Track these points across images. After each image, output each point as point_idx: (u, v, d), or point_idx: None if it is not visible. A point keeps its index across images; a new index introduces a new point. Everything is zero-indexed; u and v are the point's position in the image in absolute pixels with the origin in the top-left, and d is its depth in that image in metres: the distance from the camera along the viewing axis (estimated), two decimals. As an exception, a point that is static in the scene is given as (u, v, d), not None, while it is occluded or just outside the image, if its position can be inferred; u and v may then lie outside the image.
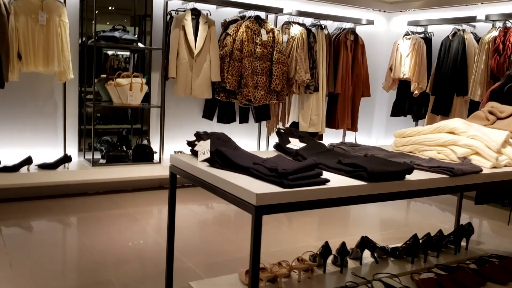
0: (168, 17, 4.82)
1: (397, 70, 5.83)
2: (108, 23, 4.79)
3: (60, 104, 4.55)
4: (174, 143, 5.23)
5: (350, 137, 6.34)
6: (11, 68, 3.91)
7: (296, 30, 5.35)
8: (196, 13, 4.86)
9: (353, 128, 6.01)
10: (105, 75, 4.62)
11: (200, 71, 4.88)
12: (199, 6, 4.91)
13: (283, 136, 2.61)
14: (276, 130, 2.71)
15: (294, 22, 5.45)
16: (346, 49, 5.76)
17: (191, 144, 2.32)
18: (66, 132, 4.61)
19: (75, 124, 4.67)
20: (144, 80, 4.60)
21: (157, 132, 5.10)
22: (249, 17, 5.14)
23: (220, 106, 5.41)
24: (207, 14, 4.95)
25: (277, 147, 2.61)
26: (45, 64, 4.08)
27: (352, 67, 5.85)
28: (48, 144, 4.54)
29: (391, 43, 6.07)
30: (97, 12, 4.38)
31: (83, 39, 4.57)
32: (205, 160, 2.07)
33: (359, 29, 6.00)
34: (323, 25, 5.54)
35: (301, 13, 5.42)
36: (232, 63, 4.97)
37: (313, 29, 5.49)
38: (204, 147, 2.12)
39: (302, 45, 5.32)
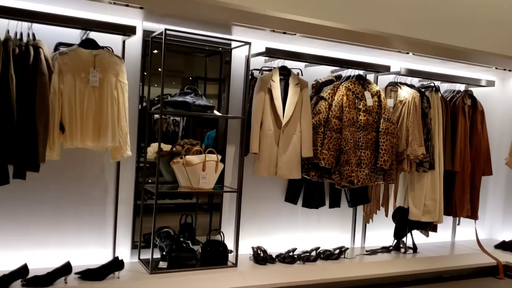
0: (250, 77, 3.80)
1: (529, 142, 4.57)
2: (174, 82, 3.81)
3: (111, 189, 3.50)
4: (251, 235, 4.06)
5: (466, 227, 5.00)
6: (50, 143, 2.91)
7: (405, 93, 4.22)
8: (285, 72, 3.82)
9: (473, 215, 4.69)
10: (168, 149, 3.59)
11: (288, 145, 3.77)
12: (288, 64, 3.89)
13: None
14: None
15: (401, 83, 4.34)
16: (464, 117, 4.57)
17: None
18: (117, 226, 3.52)
19: (129, 213, 3.59)
20: (219, 157, 3.52)
21: (230, 221, 3.96)
22: (349, 77, 4.06)
23: (306, 186, 4.26)
24: (298, 73, 3.90)
25: None
26: (95, 138, 3.07)
27: (471, 139, 4.62)
28: (93, 241, 3.46)
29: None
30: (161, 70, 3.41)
31: (144, 104, 3.58)
32: None
33: (475, 91, 4.81)
34: (437, 87, 4.39)
35: (412, 72, 4.30)
36: (329, 134, 3.85)
37: (427, 92, 4.34)
38: None
39: (415, 111, 4.16)
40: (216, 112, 3.56)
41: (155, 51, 3.52)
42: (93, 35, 3.17)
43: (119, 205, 3.53)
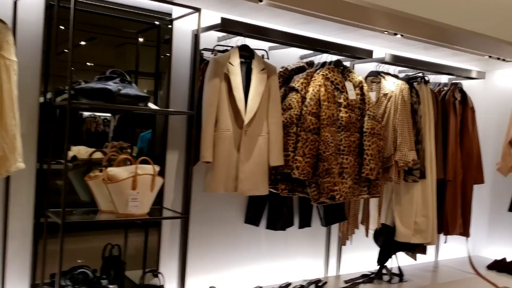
0: (199, 59, 2.83)
1: (523, 144, 3.89)
2: (90, 66, 2.75)
3: (-3, 215, 2.40)
4: (201, 272, 3.07)
5: (450, 242, 4.27)
6: None
7: (391, 85, 3.40)
8: (246, 54, 2.88)
9: (465, 232, 3.96)
10: (86, 156, 2.54)
11: (252, 150, 2.82)
12: (251, 43, 2.94)
13: None
14: None
15: (385, 73, 3.52)
16: (455, 114, 3.82)
17: None
18: (5, 270, 2.42)
19: (26, 251, 2.49)
20: (157, 169, 2.50)
21: (173, 254, 2.94)
22: (325, 64, 3.18)
23: (272, 203, 3.34)
24: (263, 56, 2.96)
25: None
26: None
27: (461, 141, 3.89)
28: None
29: (507, 103, 4.19)
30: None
31: (47, 96, 2.50)
32: None
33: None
34: (426, 78, 3.60)
35: (398, 59, 3.48)
36: (303, 136, 2.94)
37: (415, 84, 3.55)
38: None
39: (404, 107, 3.35)
40: (151, 105, 2.54)
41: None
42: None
43: (10, 240, 2.43)
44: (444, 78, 4.15)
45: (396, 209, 3.54)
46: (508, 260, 4.23)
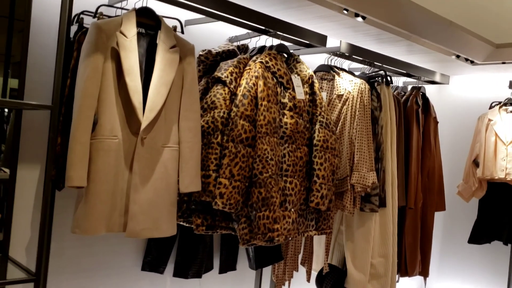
0: (76, 29, 1.82)
1: (489, 165, 3.26)
2: None
3: None
4: None
5: (406, 280, 3.54)
6: None
7: (347, 84, 2.57)
8: (149, 23, 1.90)
9: (424, 271, 3.23)
10: None
11: (152, 169, 1.84)
12: (158, 9, 1.97)
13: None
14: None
15: (339, 68, 2.69)
16: (418, 126, 3.09)
17: None
18: None
19: None
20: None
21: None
22: (264, 48, 2.29)
23: (182, 241, 2.39)
24: (175, 28, 1.99)
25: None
26: None
27: (422, 158, 3.16)
28: None
29: (473, 116, 3.56)
30: None
31: None
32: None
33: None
34: (388, 77, 2.82)
35: (358, 51, 2.67)
36: (232, 149, 2.01)
37: (376, 84, 2.75)
38: None
39: (364, 114, 2.54)
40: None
41: None
42: None
43: None
44: (400, 82, 3.44)
45: (347, 247, 2.71)
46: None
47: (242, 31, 2.39)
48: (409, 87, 3.30)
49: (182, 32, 2.03)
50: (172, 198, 1.91)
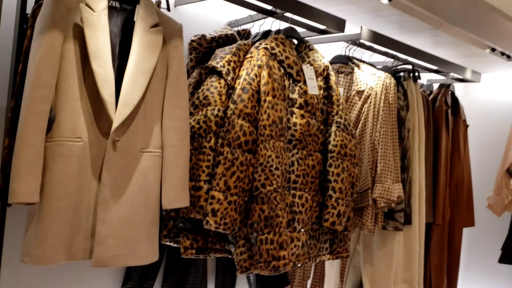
0: (35, 3, 1.44)
1: (527, 174, 2.85)
2: None
3: None
4: None
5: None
6: None
7: (369, 78, 2.17)
8: (125, -7, 1.51)
9: (451, 292, 2.82)
10: None
11: (128, 179, 1.45)
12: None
13: None
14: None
15: (359, 60, 2.29)
16: (447, 130, 2.68)
17: None
18: None
19: None
20: None
21: None
22: (270, 33, 1.89)
23: (170, 262, 2.00)
24: (158, 3, 1.60)
25: None
26: None
27: (451, 167, 2.75)
28: None
29: (507, 120, 3.14)
30: None
31: None
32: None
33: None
34: (417, 71, 2.41)
35: (381, 39, 2.27)
36: (227, 155, 1.61)
37: (401, 80, 2.35)
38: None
39: (389, 114, 2.14)
40: None
41: None
42: None
43: None
44: (423, 79, 3.04)
45: (365, 270, 2.30)
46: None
47: (243, 14, 2.00)
48: (435, 86, 2.90)
49: (168, 9, 1.64)
50: (152, 216, 1.52)
